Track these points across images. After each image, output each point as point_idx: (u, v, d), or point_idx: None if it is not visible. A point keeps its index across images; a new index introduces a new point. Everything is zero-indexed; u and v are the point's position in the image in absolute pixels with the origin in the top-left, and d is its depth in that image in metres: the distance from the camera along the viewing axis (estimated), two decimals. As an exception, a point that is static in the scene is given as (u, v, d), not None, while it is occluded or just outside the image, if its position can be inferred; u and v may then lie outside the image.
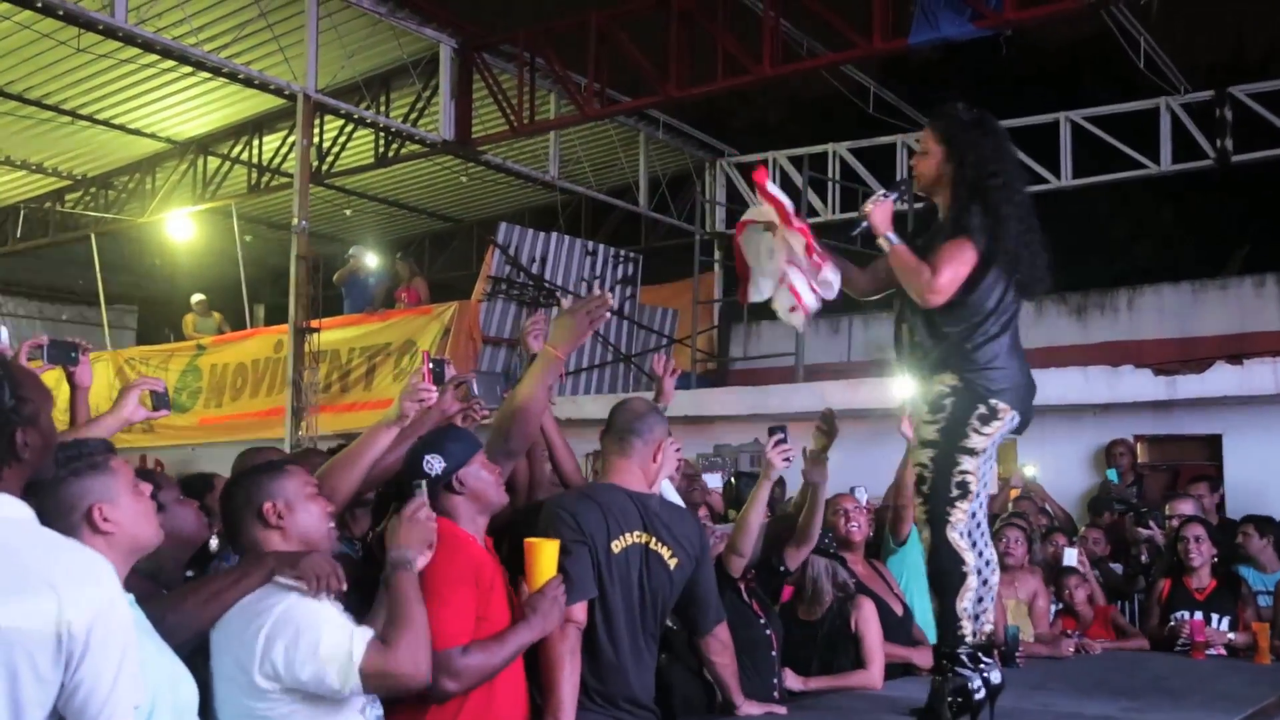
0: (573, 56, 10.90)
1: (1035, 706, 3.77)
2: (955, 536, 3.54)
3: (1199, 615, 5.63)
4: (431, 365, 3.34)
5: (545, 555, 3.07)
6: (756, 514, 4.07)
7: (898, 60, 12.30)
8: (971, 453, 3.54)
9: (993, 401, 3.55)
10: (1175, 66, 11.20)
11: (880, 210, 3.70)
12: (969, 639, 3.56)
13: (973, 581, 3.55)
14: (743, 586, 4.09)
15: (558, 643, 3.07)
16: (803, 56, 10.23)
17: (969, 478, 3.54)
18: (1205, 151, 11.59)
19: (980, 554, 3.61)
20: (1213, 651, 5.46)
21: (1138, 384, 8.54)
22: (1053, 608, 6.02)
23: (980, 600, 3.61)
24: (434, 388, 3.27)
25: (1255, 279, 11.81)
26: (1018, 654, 4.87)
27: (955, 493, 3.54)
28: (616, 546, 3.26)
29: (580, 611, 3.16)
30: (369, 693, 2.61)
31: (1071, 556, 6.12)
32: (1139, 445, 9.00)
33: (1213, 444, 8.84)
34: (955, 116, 3.74)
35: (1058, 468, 8.74)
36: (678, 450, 3.73)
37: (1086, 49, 12.66)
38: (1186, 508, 6.49)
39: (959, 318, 3.58)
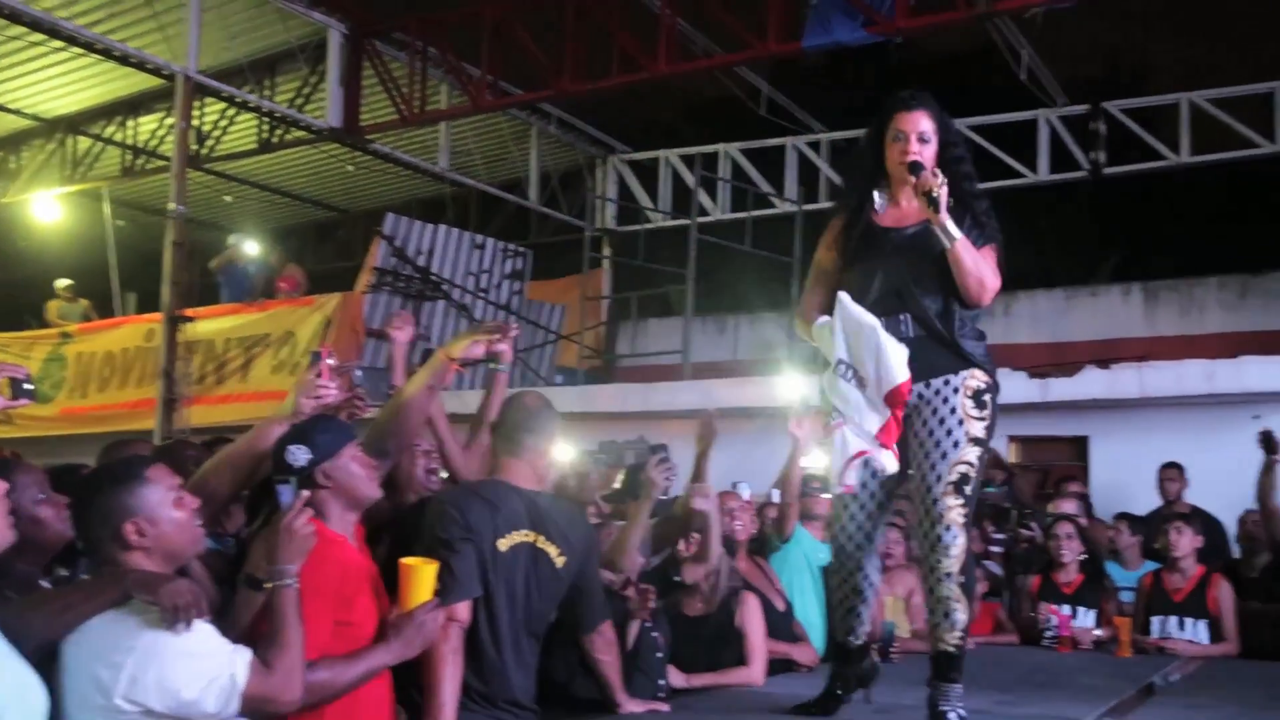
0: (466, 47, 10.76)
1: (912, 701, 3.83)
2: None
3: (1067, 609, 5.81)
4: (331, 361, 3.20)
5: (421, 579, 2.92)
6: (636, 533, 4.07)
7: (790, 63, 12.44)
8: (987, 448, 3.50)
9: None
10: (1055, 80, 11.57)
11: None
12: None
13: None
14: (632, 590, 4.07)
15: (440, 642, 3.00)
16: (698, 56, 10.27)
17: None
18: (1080, 163, 12.01)
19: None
20: (1079, 646, 5.65)
21: (1012, 386, 8.71)
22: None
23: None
24: (332, 384, 3.14)
25: (1123, 287, 12.27)
26: (892, 649, 4.96)
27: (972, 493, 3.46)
28: (503, 544, 3.21)
29: (464, 610, 3.11)
30: (244, 715, 2.47)
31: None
32: (1012, 446, 9.27)
33: (1080, 445, 9.16)
34: (935, 101, 3.62)
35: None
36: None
37: (972, 60, 12.99)
38: (1070, 506, 6.72)
39: (976, 316, 3.55)
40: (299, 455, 2.86)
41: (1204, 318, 11.76)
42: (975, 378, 3.47)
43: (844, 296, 3.44)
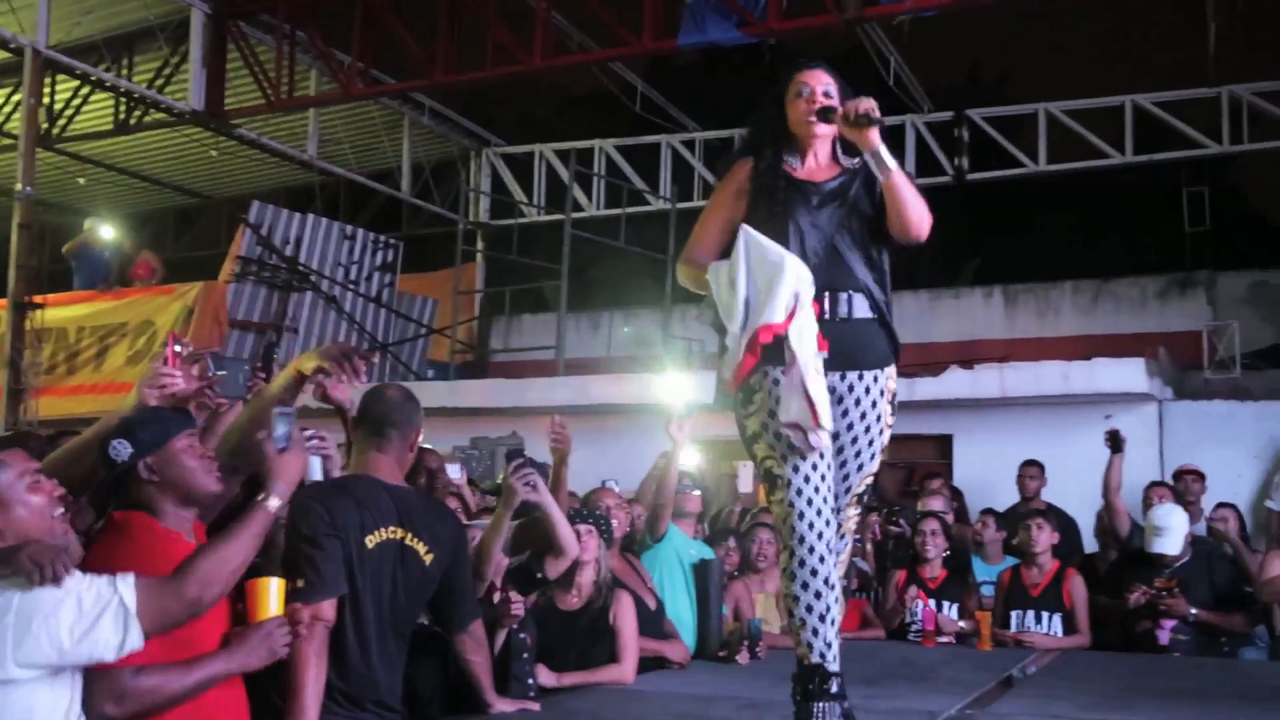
0: (337, 33, 10.49)
1: (781, 698, 3.85)
2: None
3: (931, 604, 5.95)
4: (179, 348, 3.01)
5: (267, 595, 2.81)
6: (498, 540, 4.00)
7: (665, 62, 12.49)
8: None
9: None
10: (921, 86, 11.87)
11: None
12: None
13: None
14: (497, 590, 4.01)
15: (304, 642, 2.89)
16: (574, 50, 10.22)
17: None
18: (944, 168, 12.35)
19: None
20: (943, 639, 5.79)
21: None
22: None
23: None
24: (177, 372, 2.96)
25: (985, 290, 12.68)
26: (759, 647, 5.01)
27: None
28: (370, 541, 3.12)
29: (329, 610, 3.01)
30: (155, 634, 2.42)
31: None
32: (879, 443, 9.47)
33: (944, 443, 9.42)
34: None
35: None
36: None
37: (843, 63, 13.23)
38: (937, 504, 6.88)
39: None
40: (120, 449, 2.72)
41: (1059, 321, 12.22)
42: (893, 377, 3.20)
43: (748, 228, 3.03)
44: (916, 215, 3.10)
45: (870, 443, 3.16)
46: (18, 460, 2.52)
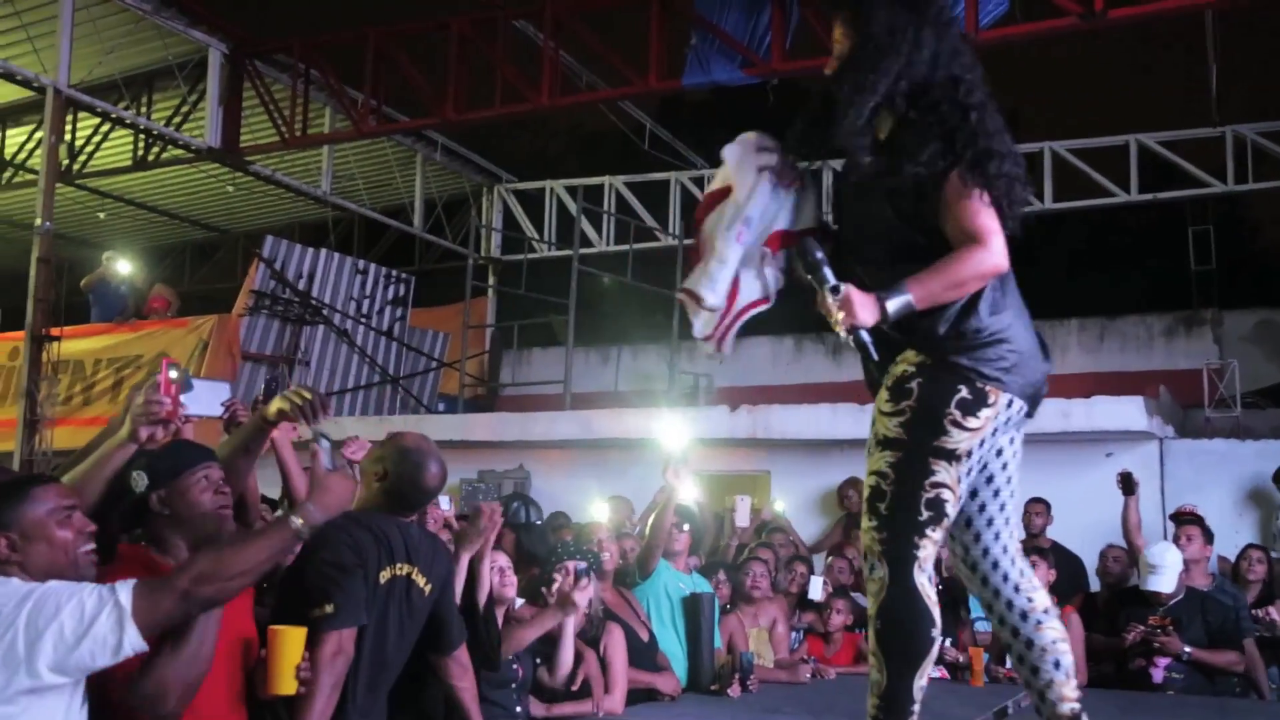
0: (350, 71, 10.71)
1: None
2: (923, 581, 2.68)
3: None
4: (173, 374, 2.94)
5: (290, 643, 2.72)
6: (534, 633, 4.16)
7: (675, 99, 12.67)
8: (951, 456, 2.65)
9: (981, 385, 2.66)
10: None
11: (860, 299, 2.66)
12: None
13: (937, 649, 2.75)
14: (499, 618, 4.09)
15: (323, 673, 2.88)
16: (581, 89, 10.39)
17: (946, 494, 2.65)
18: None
19: (1011, 605, 2.83)
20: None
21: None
22: (794, 634, 6.29)
23: (1037, 672, 2.81)
24: (167, 399, 2.93)
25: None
26: (750, 680, 5.06)
27: (926, 515, 2.65)
28: (384, 577, 3.17)
29: (351, 641, 3.01)
30: (152, 633, 2.36)
31: (817, 587, 6.37)
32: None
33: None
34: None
35: (808, 499, 9.17)
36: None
37: (849, 103, 13.33)
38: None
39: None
40: (139, 481, 2.73)
41: (1065, 358, 12.26)
42: (905, 360, 2.74)
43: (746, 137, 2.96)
44: (975, 285, 2.68)
45: (871, 438, 2.92)
46: (50, 495, 2.50)
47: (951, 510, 2.68)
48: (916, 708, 2.69)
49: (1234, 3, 7.62)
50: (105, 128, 11.85)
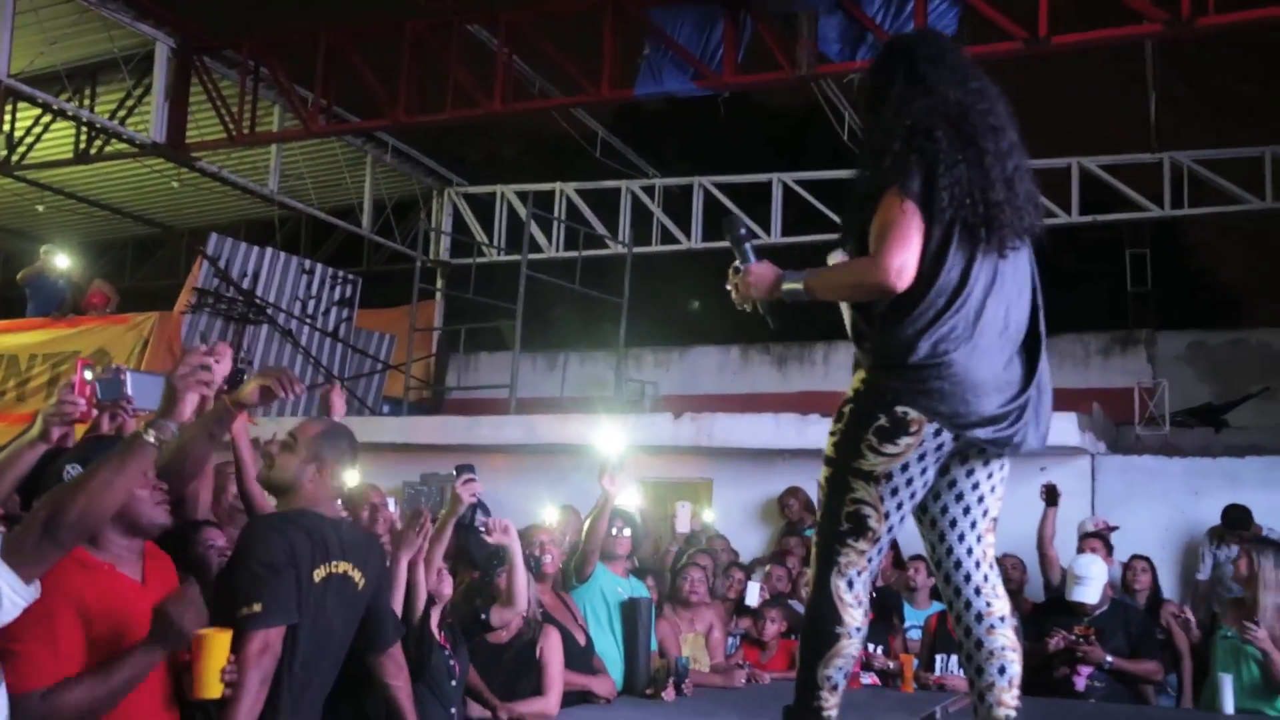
0: (301, 70, 10.64)
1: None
2: (839, 584, 2.86)
3: (859, 645, 6.08)
4: (88, 375, 2.96)
5: (215, 648, 2.71)
6: (440, 546, 4.11)
7: (630, 108, 12.71)
8: (869, 478, 2.80)
9: (900, 410, 2.75)
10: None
11: (756, 275, 2.92)
12: (826, 713, 2.88)
13: (846, 647, 2.89)
14: (433, 617, 4.09)
15: (249, 671, 2.89)
16: (534, 96, 10.42)
17: (866, 510, 2.81)
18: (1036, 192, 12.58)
19: (969, 605, 2.92)
20: (866, 680, 5.92)
21: (824, 431, 9.15)
22: (730, 640, 6.35)
23: (981, 672, 2.90)
24: (81, 400, 2.95)
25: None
26: (685, 684, 5.12)
27: (846, 526, 2.84)
28: (318, 576, 3.16)
29: (278, 640, 3.01)
30: (31, 575, 2.34)
31: (754, 593, 6.44)
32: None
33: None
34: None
35: (750, 508, 9.25)
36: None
37: (802, 116, 13.46)
38: None
39: (895, 300, 2.76)
40: (72, 474, 2.71)
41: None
42: (853, 383, 2.92)
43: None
44: (856, 293, 2.86)
45: None
46: None
47: (875, 524, 2.82)
48: (824, 694, 2.86)
49: (1174, 34, 7.80)
50: (46, 119, 11.66)
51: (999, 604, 2.93)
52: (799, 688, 2.90)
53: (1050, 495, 6.89)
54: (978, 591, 2.92)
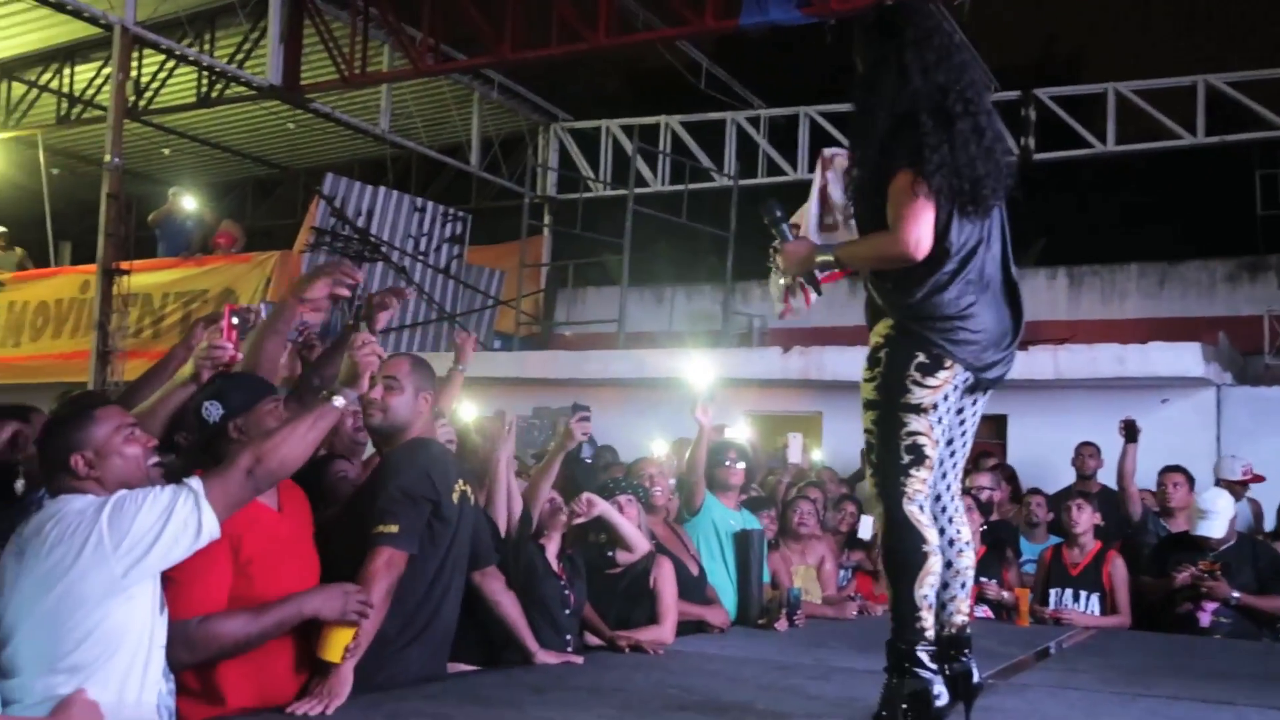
0: (408, 9, 10.75)
1: (811, 661, 4.03)
2: (914, 510, 3.03)
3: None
4: (235, 320, 3.20)
5: (339, 641, 2.91)
6: (547, 479, 4.25)
7: (733, 39, 12.55)
8: (918, 410, 3.03)
9: (936, 351, 3.04)
10: (988, 66, 11.80)
11: (793, 251, 3.28)
12: (929, 633, 3.01)
13: (935, 564, 3.02)
14: (549, 546, 4.23)
15: (379, 580, 3.08)
16: (638, 29, 10.36)
17: (921, 439, 3.03)
18: (1010, 148, 12.27)
19: (943, 532, 3.16)
20: (980, 613, 5.91)
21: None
22: (843, 572, 6.40)
23: (946, 586, 3.14)
24: (229, 344, 3.16)
25: (1049, 271, 12.61)
26: (796, 615, 5.19)
27: (907, 459, 3.04)
28: (455, 495, 3.40)
29: (402, 561, 3.19)
30: (225, 515, 2.59)
31: (867, 526, 6.45)
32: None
33: (999, 423, 9.46)
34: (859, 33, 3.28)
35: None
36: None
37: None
38: (985, 480, 7.02)
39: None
40: (212, 411, 2.94)
41: (1124, 303, 12.14)
42: (877, 332, 3.14)
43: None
44: (881, 264, 3.12)
45: None
46: (113, 415, 2.71)
47: (931, 451, 3.07)
48: (923, 614, 3.01)
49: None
50: (170, 65, 12.03)
51: (965, 530, 3.28)
52: (896, 615, 3.05)
53: (1129, 431, 6.80)
54: (951, 520, 3.24)
